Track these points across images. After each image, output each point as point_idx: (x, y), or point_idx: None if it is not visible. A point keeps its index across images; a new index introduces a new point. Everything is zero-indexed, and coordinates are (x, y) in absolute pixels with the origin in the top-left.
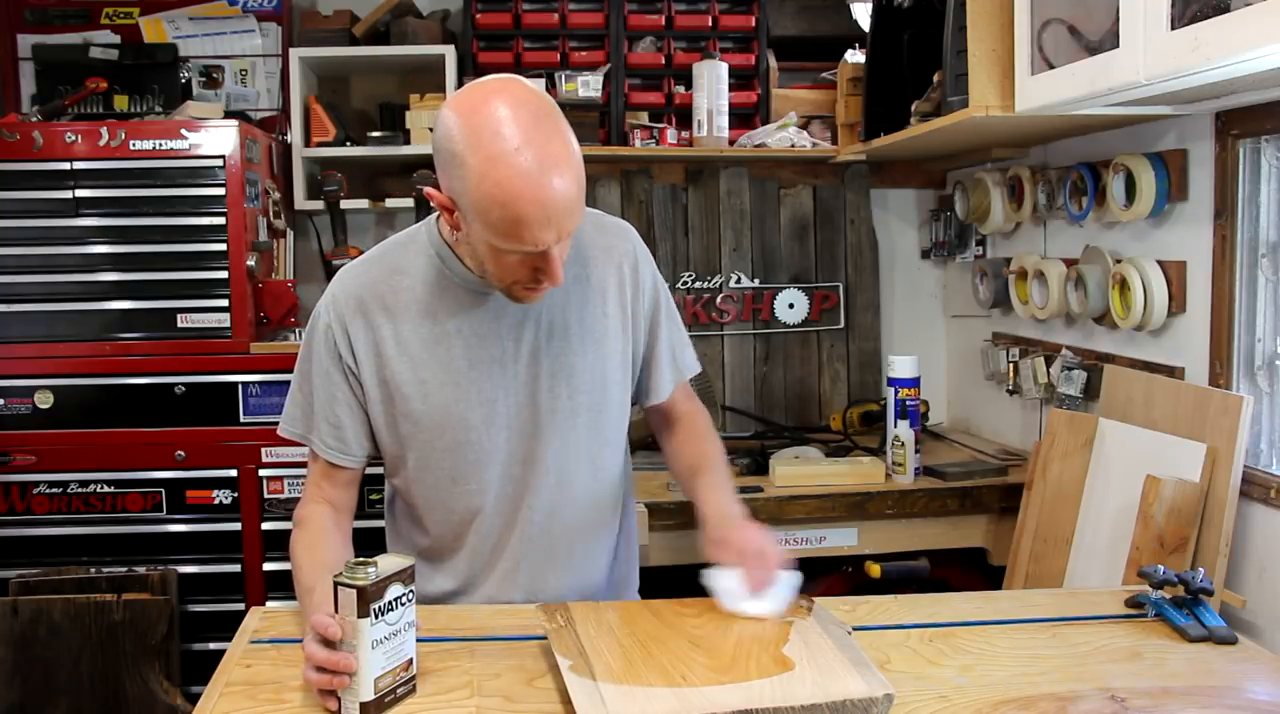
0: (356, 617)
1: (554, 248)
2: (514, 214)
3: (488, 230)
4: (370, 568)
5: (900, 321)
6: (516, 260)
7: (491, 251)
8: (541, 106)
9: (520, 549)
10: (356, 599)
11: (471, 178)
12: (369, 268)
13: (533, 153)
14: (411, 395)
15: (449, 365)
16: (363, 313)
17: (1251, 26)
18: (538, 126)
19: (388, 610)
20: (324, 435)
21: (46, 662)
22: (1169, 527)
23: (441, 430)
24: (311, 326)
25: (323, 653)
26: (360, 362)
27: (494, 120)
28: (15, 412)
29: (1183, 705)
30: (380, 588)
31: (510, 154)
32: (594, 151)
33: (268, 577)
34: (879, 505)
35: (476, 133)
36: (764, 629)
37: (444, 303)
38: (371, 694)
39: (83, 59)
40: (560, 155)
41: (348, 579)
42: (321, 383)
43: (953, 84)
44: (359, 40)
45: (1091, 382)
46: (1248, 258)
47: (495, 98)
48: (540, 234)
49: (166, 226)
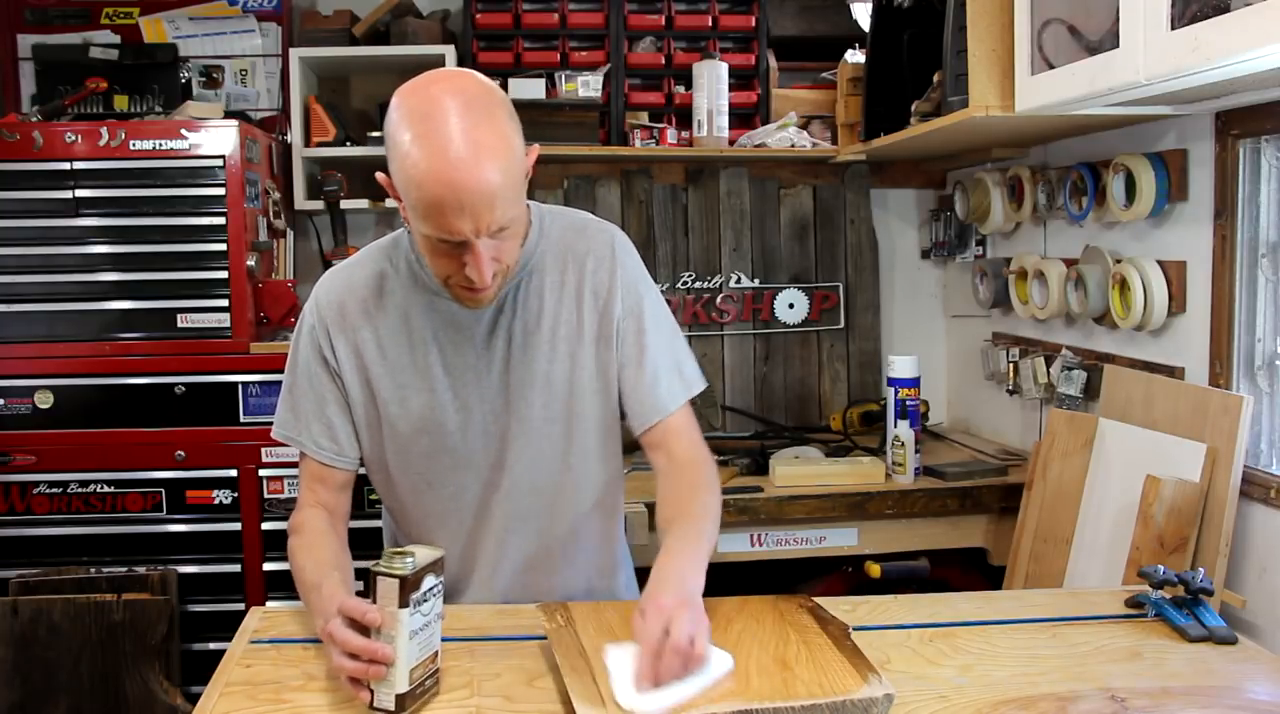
0: (397, 607)
1: (476, 241)
2: (428, 196)
3: (413, 214)
4: (409, 558)
5: (900, 321)
6: (445, 252)
7: (424, 241)
8: (480, 96)
9: (497, 554)
10: (398, 589)
11: (398, 158)
12: (351, 272)
13: (456, 137)
14: (390, 400)
15: (426, 372)
16: (345, 316)
17: (1251, 26)
18: (468, 113)
19: (423, 601)
20: (316, 436)
21: (46, 662)
22: (1169, 527)
23: (418, 435)
24: (298, 330)
25: (359, 641)
26: (343, 364)
27: (426, 103)
28: (15, 412)
29: (1183, 705)
30: (418, 578)
31: (431, 135)
32: (594, 151)
33: (268, 577)
34: (879, 505)
35: (409, 115)
36: (764, 629)
37: (421, 308)
38: (407, 685)
39: (83, 59)
40: (484, 143)
41: (387, 569)
42: (310, 385)
43: (953, 84)
44: (359, 40)
45: (1091, 382)
46: (1248, 258)
47: (436, 84)
48: (455, 221)
49: (166, 226)
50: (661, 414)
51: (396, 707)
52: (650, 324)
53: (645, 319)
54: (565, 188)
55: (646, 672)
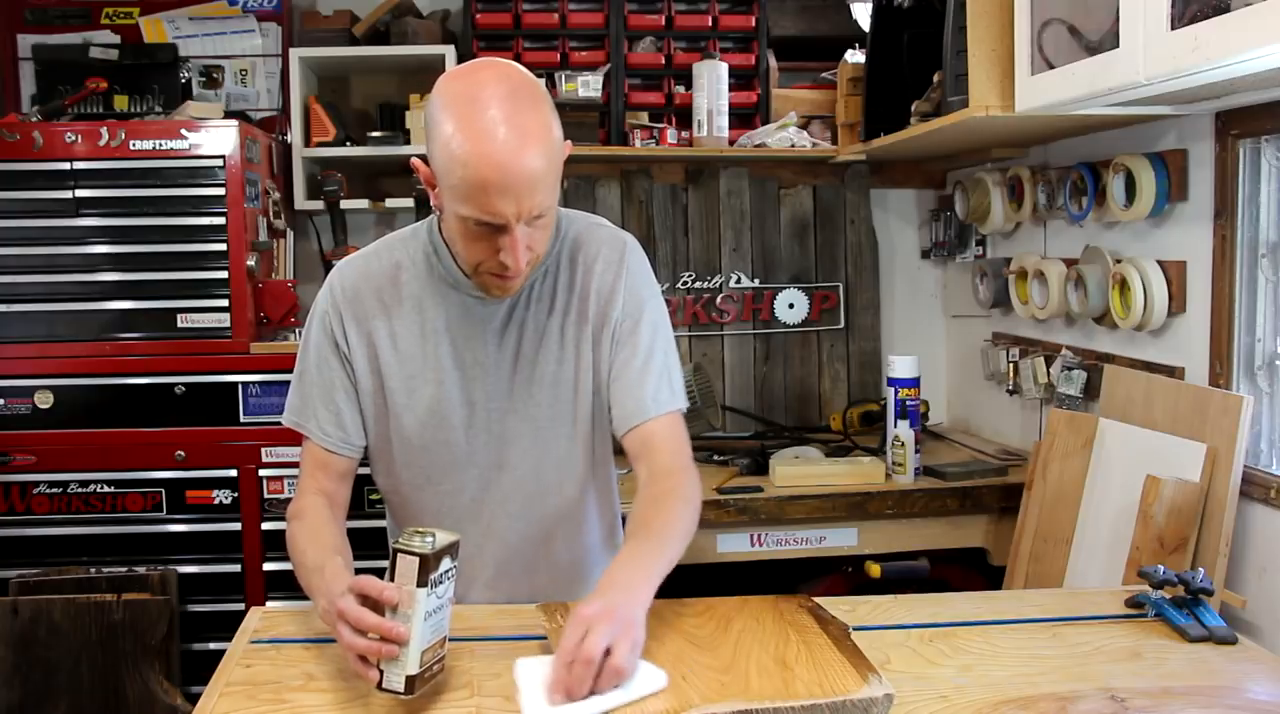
0: (415, 586)
1: (515, 224)
2: (474, 176)
3: (452, 196)
4: (429, 537)
5: (900, 321)
6: (481, 236)
7: (459, 226)
8: (524, 85)
9: (499, 555)
10: (418, 567)
11: (441, 139)
12: (369, 261)
13: (502, 121)
14: (398, 389)
15: (435, 364)
16: (360, 304)
17: (1251, 26)
18: (513, 99)
19: (439, 583)
20: (323, 422)
21: (46, 662)
22: (1169, 527)
23: (423, 428)
24: (311, 316)
25: (373, 618)
26: (354, 352)
27: (473, 87)
28: (15, 412)
29: (1183, 705)
30: (438, 558)
31: (478, 117)
32: (594, 151)
33: (268, 577)
34: (879, 505)
35: (454, 98)
36: (764, 629)
37: (436, 300)
38: (418, 667)
39: (83, 59)
40: (530, 129)
41: (406, 546)
42: (320, 371)
43: (953, 84)
44: (359, 40)
45: (1091, 381)
46: (1248, 258)
47: (482, 70)
48: (498, 202)
49: (166, 226)
50: (645, 416)
51: (406, 688)
52: (646, 330)
53: (642, 324)
54: (565, 188)
55: (556, 682)
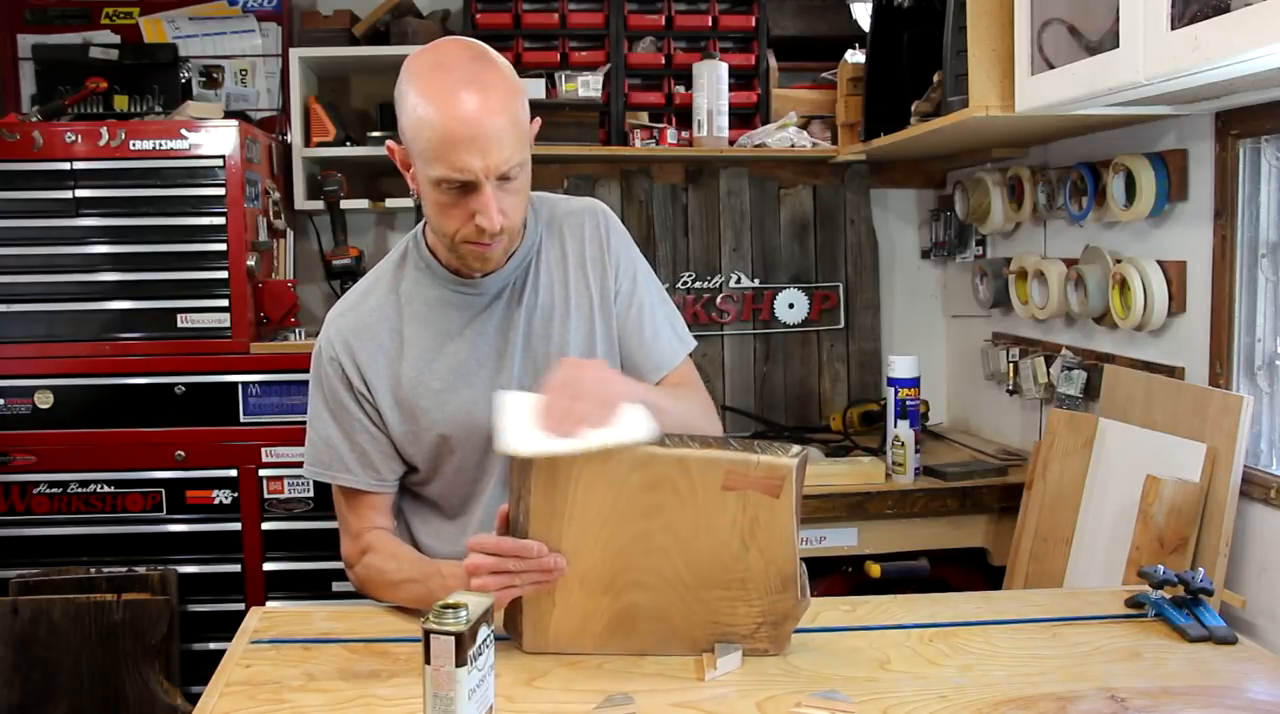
0: (454, 666)
1: (484, 181)
2: (440, 132)
3: (422, 160)
4: (461, 611)
5: (900, 321)
6: (454, 202)
7: (434, 194)
8: (487, 53)
9: None
10: (454, 648)
11: (408, 108)
12: (365, 297)
13: (465, 81)
14: (430, 407)
15: (458, 369)
16: (370, 337)
17: (1251, 26)
18: (476, 62)
19: (479, 655)
20: (352, 468)
21: (46, 662)
22: (1169, 527)
23: (467, 432)
24: (315, 366)
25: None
26: (373, 385)
27: (437, 54)
28: (15, 412)
29: (1183, 705)
30: (474, 632)
31: (442, 78)
32: (594, 151)
33: (268, 577)
34: (879, 505)
35: (419, 68)
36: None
37: (443, 309)
38: None
39: (83, 59)
40: (493, 85)
41: (437, 626)
42: (338, 418)
43: (953, 84)
44: (359, 40)
45: (1091, 382)
46: (1248, 258)
47: (445, 43)
48: (466, 156)
49: (166, 226)
50: (664, 369)
51: None
52: (643, 285)
53: (639, 281)
54: (565, 188)
55: (537, 413)
